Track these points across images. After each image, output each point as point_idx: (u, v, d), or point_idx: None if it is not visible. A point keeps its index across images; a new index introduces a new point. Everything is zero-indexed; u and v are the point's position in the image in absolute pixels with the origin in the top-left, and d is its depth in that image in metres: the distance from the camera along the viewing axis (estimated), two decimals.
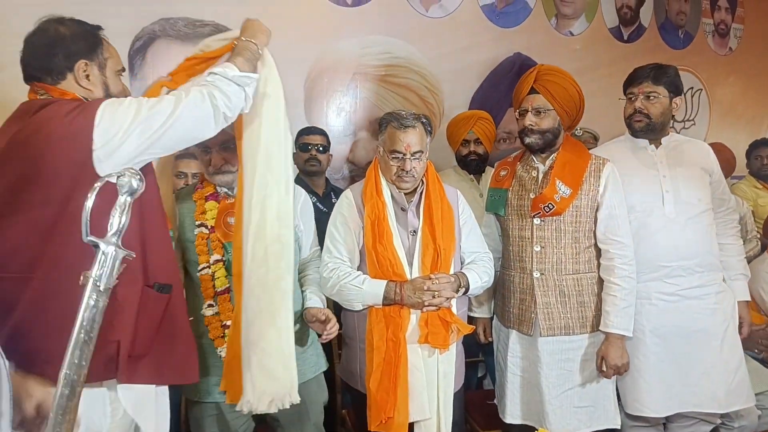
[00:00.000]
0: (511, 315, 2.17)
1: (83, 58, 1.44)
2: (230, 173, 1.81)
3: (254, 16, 2.95)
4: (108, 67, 1.49)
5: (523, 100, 2.11)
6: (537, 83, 2.09)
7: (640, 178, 2.17)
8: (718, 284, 2.18)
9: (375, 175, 2.00)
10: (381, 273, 1.90)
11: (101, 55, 1.48)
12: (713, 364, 2.12)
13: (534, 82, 2.09)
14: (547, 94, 2.08)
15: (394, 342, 1.85)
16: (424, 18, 3.44)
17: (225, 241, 1.78)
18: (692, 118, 4.47)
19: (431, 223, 1.94)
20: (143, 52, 2.82)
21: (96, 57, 1.46)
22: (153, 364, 1.45)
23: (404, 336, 1.86)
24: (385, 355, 1.85)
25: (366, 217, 1.93)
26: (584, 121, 3.37)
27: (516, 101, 2.18)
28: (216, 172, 1.81)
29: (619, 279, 2.04)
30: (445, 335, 1.88)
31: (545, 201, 2.06)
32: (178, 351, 1.51)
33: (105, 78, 1.48)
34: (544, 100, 2.08)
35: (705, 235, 2.16)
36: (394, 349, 1.84)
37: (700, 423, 2.25)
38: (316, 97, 3.23)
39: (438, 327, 1.87)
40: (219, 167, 1.80)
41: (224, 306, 1.78)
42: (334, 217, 2.03)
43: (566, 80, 2.12)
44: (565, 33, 3.90)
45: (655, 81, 2.16)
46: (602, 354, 2.05)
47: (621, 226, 2.07)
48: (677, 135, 2.32)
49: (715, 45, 4.57)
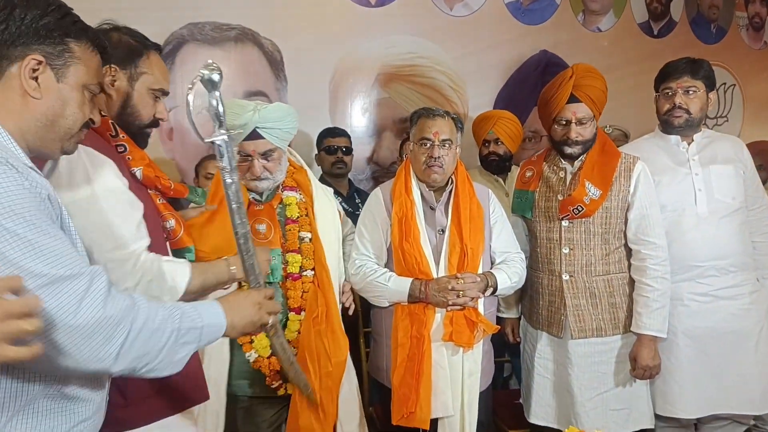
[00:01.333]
0: (539, 317, 2.14)
1: (115, 63, 1.44)
2: (268, 180, 1.84)
3: (277, 18, 3.02)
4: (140, 81, 1.47)
5: (564, 109, 2.02)
6: (577, 89, 2.00)
7: (671, 176, 2.12)
8: (752, 284, 2.12)
9: (405, 174, 2.02)
10: (407, 271, 1.91)
11: (136, 67, 1.47)
12: (748, 366, 2.07)
13: (573, 88, 2.00)
14: (588, 101, 2.01)
15: (418, 339, 1.87)
16: (449, 17, 3.43)
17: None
18: (725, 115, 4.35)
19: (459, 223, 1.95)
20: (172, 57, 2.88)
21: (128, 67, 1.46)
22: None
23: (428, 333, 1.87)
24: (408, 352, 1.87)
25: (394, 214, 1.95)
26: (614, 118, 3.35)
27: (551, 108, 2.06)
28: (254, 179, 1.83)
29: (651, 280, 2.00)
30: (469, 334, 1.89)
31: (574, 203, 2.02)
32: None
33: (131, 90, 1.47)
34: (586, 109, 2.01)
35: (738, 234, 2.10)
36: (417, 345, 1.87)
37: (733, 424, 2.21)
38: (341, 98, 3.25)
39: (462, 326, 1.88)
40: (258, 175, 1.82)
41: None
42: (363, 214, 2.06)
43: (600, 80, 2.07)
44: (592, 29, 3.84)
45: (693, 75, 2.10)
46: (633, 355, 2.02)
47: (653, 226, 2.02)
48: (709, 131, 2.26)
49: (749, 39, 4.44)
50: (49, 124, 1.04)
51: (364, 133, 3.31)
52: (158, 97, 1.51)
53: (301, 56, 3.10)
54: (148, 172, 1.44)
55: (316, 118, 3.07)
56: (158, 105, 1.52)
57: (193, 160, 2.81)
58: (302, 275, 1.86)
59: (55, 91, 1.04)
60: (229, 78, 2.96)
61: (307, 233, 1.89)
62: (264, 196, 1.89)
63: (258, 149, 1.79)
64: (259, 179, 1.83)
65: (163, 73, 1.52)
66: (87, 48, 1.08)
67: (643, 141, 2.31)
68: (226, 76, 3.09)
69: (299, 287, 1.84)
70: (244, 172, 1.82)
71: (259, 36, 3.02)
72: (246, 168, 1.82)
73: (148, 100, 1.49)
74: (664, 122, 2.19)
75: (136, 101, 1.47)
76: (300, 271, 1.85)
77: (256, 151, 1.79)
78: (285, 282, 1.84)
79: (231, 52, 2.98)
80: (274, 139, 1.80)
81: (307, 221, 1.90)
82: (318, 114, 3.14)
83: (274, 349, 1.66)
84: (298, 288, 1.84)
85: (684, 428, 2.24)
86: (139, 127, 1.50)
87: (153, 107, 1.50)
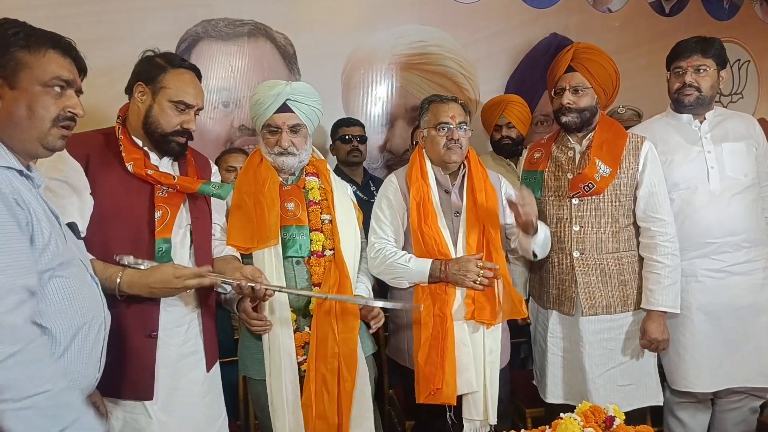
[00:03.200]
0: (550, 296, 2.18)
1: (141, 80, 1.68)
2: (294, 156, 1.93)
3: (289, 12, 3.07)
4: (160, 94, 1.67)
5: (560, 78, 2.11)
6: (574, 61, 2.08)
7: (683, 155, 2.15)
8: (766, 259, 2.15)
9: (420, 160, 2.07)
10: (427, 252, 1.97)
11: (158, 83, 1.67)
12: (762, 340, 2.09)
13: (571, 60, 2.08)
14: (585, 72, 2.07)
15: (441, 318, 1.92)
16: (458, 4, 3.44)
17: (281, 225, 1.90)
18: (740, 92, 4.30)
19: (475, 204, 2.00)
20: (188, 54, 2.94)
21: (151, 83, 1.67)
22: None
23: (450, 312, 1.93)
24: (432, 330, 1.92)
25: (411, 198, 2.00)
26: (627, 99, 3.34)
27: (551, 80, 2.17)
28: (281, 152, 1.92)
29: (661, 257, 2.03)
30: (491, 310, 1.94)
31: (585, 180, 2.06)
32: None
33: (153, 103, 1.67)
34: (582, 78, 2.08)
35: (751, 210, 2.12)
36: (441, 324, 1.92)
37: (749, 398, 2.23)
38: (353, 89, 3.29)
39: (484, 303, 1.94)
40: (286, 148, 1.91)
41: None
42: (379, 199, 2.11)
43: (604, 57, 2.11)
44: (603, 10, 3.81)
45: (703, 54, 2.12)
46: (643, 328, 2.06)
47: (662, 203, 2.06)
48: (721, 109, 2.27)
49: (764, 13, 4.37)
50: (15, 126, 1.19)
51: (378, 122, 3.34)
52: (183, 109, 1.68)
53: (313, 49, 3.14)
54: (137, 168, 1.64)
55: (329, 110, 3.11)
56: (183, 116, 1.69)
57: (211, 155, 2.87)
58: (324, 254, 1.94)
59: (12, 97, 1.18)
60: (243, 72, 3.02)
61: (327, 215, 1.97)
62: (290, 179, 1.98)
63: (288, 122, 1.90)
64: (286, 153, 1.91)
65: (183, 87, 1.68)
66: (36, 52, 1.20)
67: (655, 120, 2.33)
68: (241, 71, 3.18)
69: (322, 264, 1.93)
70: (272, 145, 1.92)
71: (272, 30, 3.06)
72: (274, 142, 1.91)
73: (169, 112, 1.67)
74: (675, 101, 2.21)
75: (155, 112, 1.67)
76: (322, 250, 1.94)
77: (285, 123, 1.90)
78: (310, 258, 1.92)
79: (245, 47, 3.03)
80: (302, 114, 1.91)
81: (327, 205, 1.99)
82: (331, 105, 3.19)
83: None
84: (321, 265, 1.93)
85: (700, 403, 2.27)
86: (162, 135, 1.68)
87: (176, 117, 1.68)
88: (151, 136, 1.69)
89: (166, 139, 1.69)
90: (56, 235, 1.20)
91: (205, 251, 1.82)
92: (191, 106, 1.70)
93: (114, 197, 1.61)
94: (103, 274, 1.51)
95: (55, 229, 1.22)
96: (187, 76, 1.72)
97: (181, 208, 1.72)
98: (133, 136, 1.70)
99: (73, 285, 1.22)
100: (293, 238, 1.90)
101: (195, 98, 1.71)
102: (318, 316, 1.86)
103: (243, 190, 1.91)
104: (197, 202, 1.79)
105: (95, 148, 1.65)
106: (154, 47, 1.76)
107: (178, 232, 1.71)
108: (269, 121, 1.91)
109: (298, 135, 1.93)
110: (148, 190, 1.66)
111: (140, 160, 1.66)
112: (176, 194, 1.70)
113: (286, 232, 1.90)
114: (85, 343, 1.24)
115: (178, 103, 1.68)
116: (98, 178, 1.61)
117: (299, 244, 1.90)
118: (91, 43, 2.54)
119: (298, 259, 1.91)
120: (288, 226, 1.91)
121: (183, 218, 1.74)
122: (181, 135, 1.71)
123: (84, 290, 1.27)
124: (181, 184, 1.70)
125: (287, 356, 1.85)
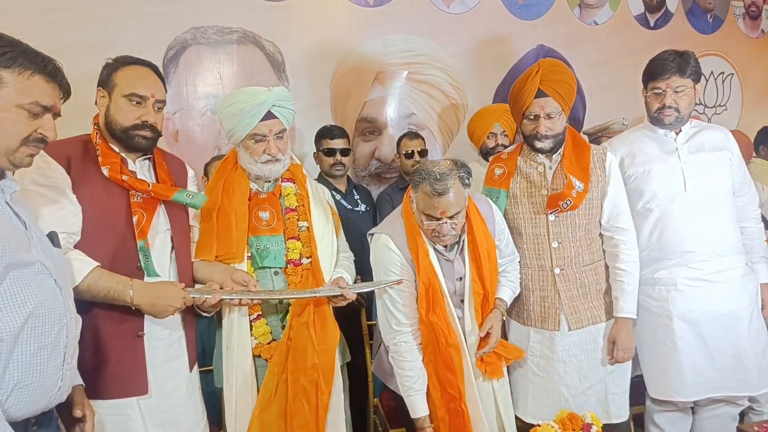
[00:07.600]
0: (531, 313, 2.15)
1: (99, 85, 1.72)
2: (280, 162, 1.92)
3: (279, 21, 3.09)
4: (114, 92, 1.69)
5: (531, 104, 2.03)
6: (544, 84, 2.01)
7: (661, 165, 2.18)
8: (742, 267, 2.18)
9: (415, 230, 1.92)
10: (434, 340, 1.90)
11: (111, 82, 1.69)
12: (742, 347, 2.12)
13: (540, 83, 2.02)
14: (556, 96, 2.02)
15: (457, 412, 1.91)
16: (446, 14, 3.49)
17: (252, 236, 1.89)
18: (724, 104, 4.38)
19: (479, 267, 1.95)
20: (176, 61, 2.96)
21: (107, 85, 1.70)
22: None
23: (466, 407, 1.90)
24: (449, 425, 1.92)
25: (419, 280, 1.91)
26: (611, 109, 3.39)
27: (520, 104, 2.08)
28: (269, 160, 1.89)
29: (624, 264, 2.08)
30: (499, 365, 1.99)
31: (564, 198, 2.04)
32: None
33: (110, 102, 1.69)
34: (554, 104, 2.02)
35: (727, 220, 2.16)
36: (457, 417, 1.91)
37: (729, 405, 2.25)
38: (342, 98, 3.31)
39: (493, 359, 1.98)
40: (275, 155, 1.89)
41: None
42: (386, 271, 1.95)
43: (568, 74, 2.09)
44: (589, 22, 3.88)
45: (681, 74, 2.11)
46: (613, 338, 2.08)
47: (623, 212, 2.10)
48: (696, 121, 2.30)
49: (747, 28, 4.46)
50: None
51: (366, 132, 3.37)
52: (138, 102, 1.69)
53: (301, 57, 3.17)
54: (113, 172, 1.66)
55: (317, 118, 3.14)
56: (140, 109, 1.70)
57: (199, 162, 2.88)
58: (301, 262, 1.93)
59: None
60: (232, 79, 3.04)
61: (305, 222, 1.96)
62: (266, 186, 1.96)
63: (273, 129, 1.89)
64: (274, 160, 1.90)
65: (135, 80, 1.70)
66: (19, 73, 1.20)
67: (633, 131, 2.36)
68: (230, 78, 3.19)
69: (299, 273, 1.91)
70: (259, 154, 1.89)
71: (261, 38, 3.09)
72: (261, 150, 1.89)
73: (124, 107, 1.69)
74: (655, 119, 2.22)
75: (112, 110, 1.70)
76: (299, 258, 1.93)
77: (272, 131, 1.89)
78: (286, 268, 1.91)
79: (233, 55, 3.05)
80: (285, 120, 1.91)
81: (303, 211, 1.97)
82: (320, 114, 3.21)
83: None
84: (299, 274, 1.91)
85: (681, 411, 2.29)
86: (122, 131, 1.70)
87: (133, 111, 1.69)
88: (114, 135, 1.70)
89: (128, 134, 1.69)
90: (16, 238, 1.19)
91: (186, 255, 1.83)
92: (145, 98, 1.70)
93: (95, 201, 1.63)
94: (110, 281, 1.56)
95: (17, 233, 1.21)
96: (140, 70, 1.72)
97: (158, 213, 1.74)
98: (110, 143, 1.71)
99: (20, 283, 1.18)
100: (267, 248, 1.89)
101: (148, 89, 1.70)
102: (296, 327, 1.85)
103: (209, 202, 1.85)
104: (174, 208, 1.80)
105: (75, 153, 1.67)
106: (140, 53, 1.77)
107: (157, 237, 1.72)
108: (255, 130, 1.86)
109: (282, 140, 1.92)
110: (125, 194, 1.69)
111: (117, 164, 1.67)
112: (151, 199, 1.72)
113: (260, 243, 1.89)
114: (35, 341, 1.19)
115: (130, 96, 1.68)
116: (79, 181, 1.63)
117: (273, 254, 1.89)
118: (80, 49, 2.57)
119: (276, 270, 1.90)
120: (261, 236, 1.89)
121: (161, 222, 1.75)
122: (142, 129, 1.70)
123: (40, 293, 1.22)
124: (155, 191, 1.71)
125: (243, 353, 1.86)
